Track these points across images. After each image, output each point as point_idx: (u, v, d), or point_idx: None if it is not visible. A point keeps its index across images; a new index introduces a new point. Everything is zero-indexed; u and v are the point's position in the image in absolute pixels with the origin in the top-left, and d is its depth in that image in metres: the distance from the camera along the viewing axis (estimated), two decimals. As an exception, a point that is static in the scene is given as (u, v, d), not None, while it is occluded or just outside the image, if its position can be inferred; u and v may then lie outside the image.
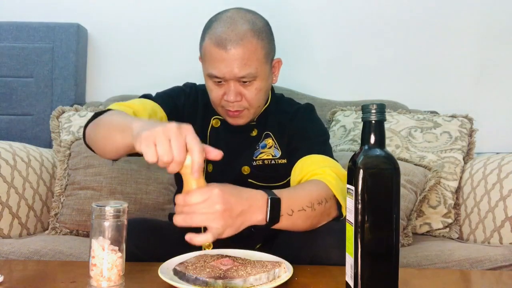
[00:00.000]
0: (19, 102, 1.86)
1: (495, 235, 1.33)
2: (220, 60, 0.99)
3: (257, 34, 1.01)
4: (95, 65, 2.03)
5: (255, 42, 1.00)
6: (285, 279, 0.72)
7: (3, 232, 1.34)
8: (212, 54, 1.00)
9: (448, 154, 1.60)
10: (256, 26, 1.02)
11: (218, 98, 1.05)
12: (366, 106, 0.66)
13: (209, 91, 1.07)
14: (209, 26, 1.03)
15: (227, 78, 1.01)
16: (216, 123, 1.14)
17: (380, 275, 0.65)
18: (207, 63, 1.02)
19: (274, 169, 1.10)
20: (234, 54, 0.98)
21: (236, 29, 0.99)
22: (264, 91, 1.06)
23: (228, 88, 1.02)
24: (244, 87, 1.03)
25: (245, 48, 0.98)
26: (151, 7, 2.02)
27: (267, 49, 1.03)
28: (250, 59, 0.99)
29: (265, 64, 1.04)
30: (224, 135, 1.13)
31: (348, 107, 1.78)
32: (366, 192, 0.64)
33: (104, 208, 0.65)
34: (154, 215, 1.47)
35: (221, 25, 1.00)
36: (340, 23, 2.00)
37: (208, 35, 1.02)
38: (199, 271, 0.72)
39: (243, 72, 0.99)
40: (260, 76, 1.03)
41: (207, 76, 1.04)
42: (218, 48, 0.98)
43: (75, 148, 1.56)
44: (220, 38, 0.98)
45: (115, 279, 0.66)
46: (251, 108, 1.06)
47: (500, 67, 1.96)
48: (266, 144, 1.12)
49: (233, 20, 1.00)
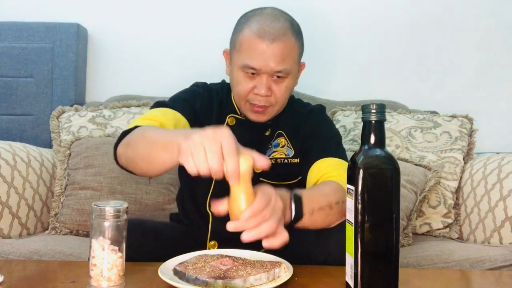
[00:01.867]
0: (19, 102, 1.86)
1: (495, 235, 1.33)
2: (260, 52, 1.00)
3: (295, 33, 1.04)
4: (95, 65, 2.03)
5: (294, 40, 1.03)
6: (285, 279, 0.72)
7: (3, 232, 1.34)
8: (251, 45, 1.01)
9: (448, 154, 1.60)
10: (295, 26, 1.05)
11: (247, 91, 1.05)
12: (366, 106, 0.66)
13: (237, 83, 1.06)
14: (249, 18, 1.05)
15: (262, 71, 1.02)
16: (231, 121, 1.14)
17: (380, 275, 0.65)
18: (244, 53, 1.02)
19: (287, 168, 1.11)
20: (275, 48, 1.00)
21: (279, 24, 1.01)
22: (290, 91, 1.09)
23: (260, 81, 1.03)
24: (275, 83, 1.04)
25: (285, 44, 1.01)
26: (151, 7, 2.02)
27: (301, 50, 1.08)
28: (288, 55, 1.02)
29: (297, 64, 1.08)
30: (239, 133, 1.11)
31: (348, 107, 1.78)
32: (366, 192, 0.64)
33: (104, 208, 0.65)
34: (154, 215, 1.47)
35: (264, 18, 1.02)
36: (339, 23, 2.00)
37: (248, 26, 1.03)
38: (199, 271, 0.72)
39: (280, 67, 1.01)
40: (292, 75, 1.06)
41: (241, 67, 1.04)
42: (260, 39, 1.00)
43: (75, 148, 1.56)
44: (263, 30, 1.00)
45: (115, 279, 0.66)
46: (277, 105, 1.07)
47: (500, 67, 1.96)
48: (279, 143, 1.13)
49: (275, 16, 1.03)
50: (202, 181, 1.09)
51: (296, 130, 1.14)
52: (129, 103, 1.75)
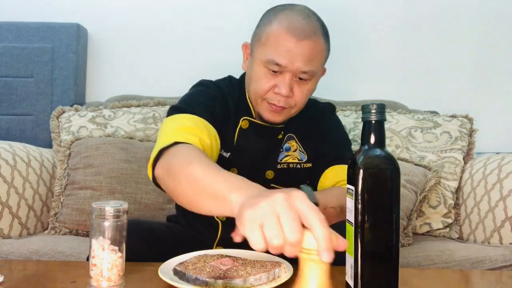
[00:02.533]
0: (19, 102, 1.86)
1: (495, 235, 1.33)
2: (289, 48, 0.93)
3: (325, 34, 0.99)
4: (95, 65, 2.03)
5: (323, 41, 0.98)
6: (285, 279, 0.72)
7: (3, 232, 1.34)
8: (280, 40, 0.94)
9: (448, 154, 1.60)
10: (325, 28, 1.00)
11: (266, 89, 0.98)
12: (366, 106, 0.66)
13: (257, 79, 0.99)
14: (279, 12, 0.98)
15: (287, 69, 0.95)
16: (245, 124, 1.06)
17: (380, 275, 0.65)
18: (271, 48, 0.95)
19: (299, 173, 1.08)
20: (304, 46, 0.94)
21: (310, 22, 0.96)
22: (310, 95, 1.03)
23: (282, 80, 0.96)
24: (297, 84, 0.98)
25: (315, 44, 0.95)
26: (151, 7, 2.02)
27: (327, 53, 1.02)
28: (316, 56, 0.96)
29: (322, 67, 1.02)
30: (253, 137, 1.06)
31: (348, 107, 1.78)
32: (366, 192, 0.64)
33: (104, 208, 0.65)
34: (154, 215, 1.47)
35: (296, 14, 0.96)
36: (340, 23, 2.00)
37: (277, 20, 0.96)
38: (199, 271, 0.71)
39: (307, 67, 0.95)
40: (316, 78, 1.00)
41: (264, 62, 0.96)
42: (290, 35, 0.93)
43: (75, 148, 1.56)
44: (295, 26, 0.94)
45: (115, 279, 0.66)
46: (295, 108, 1.02)
47: (499, 67, 1.96)
48: (290, 147, 1.08)
49: (307, 14, 0.97)
50: None
51: (308, 133, 1.09)
52: (129, 103, 1.75)
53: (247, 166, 1.05)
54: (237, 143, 1.06)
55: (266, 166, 1.07)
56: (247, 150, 1.06)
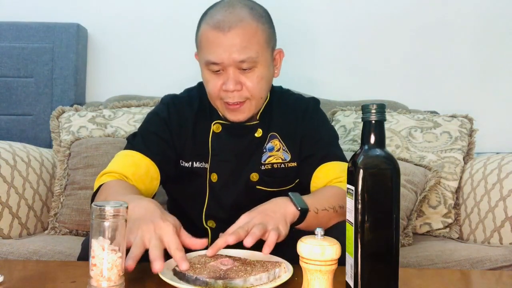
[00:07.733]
0: (19, 102, 1.86)
1: (495, 235, 1.33)
2: (218, 44, 0.92)
3: (256, 17, 0.96)
4: (95, 65, 2.03)
5: (255, 25, 0.94)
6: (285, 279, 0.72)
7: (3, 232, 1.34)
8: (209, 38, 0.94)
9: (448, 154, 1.59)
10: (255, 10, 0.97)
11: (216, 89, 0.97)
12: (366, 106, 0.66)
13: (206, 83, 0.99)
14: (205, 14, 0.99)
15: (226, 64, 0.94)
16: (217, 128, 1.06)
17: (380, 275, 0.65)
18: (204, 50, 0.96)
19: (284, 173, 1.06)
20: (233, 36, 0.92)
21: (234, 11, 0.94)
22: (266, 80, 0.99)
23: (226, 76, 0.95)
24: (244, 74, 0.96)
25: (244, 30, 0.93)
26: (151, 7, 2.02)
27: (268, 34, 0.98)
28: (250, 42, 0.93)
29: (266, 50, 0.98)
30: (228, 140, 1.05)
31: (348, 107, 1.78)
32: (366, 192, 0.64)
33: (104, 208, 0.65)
34: (154, 215, 1.47)
35: (218, 9, 0.95)
36: (341, 23, 2.00)
37: (204, 21, 0.96)
38: (199, 271, 0.71)
39: (243, 55, 0.93)
40: (261, 63, 0.96)
41: (204, 65, 0.97)
42: (216, 31, 0.93)
43: (75, 148, 1.56)
44: (218, 21, 0.93)
45: (115, 279, 0.66)
46: (253, 99, 0.98)
47: (500, 67, 1.96)
48: (274, 147, 1.06)
49: (231, 4, 0.95)
50: (194, 196, 1.07)
51: (291, 131, 1.07)
52: (129, 103, 1.75)
53: (227, 170, 1.05)
54: (212, 148, 1.05)
55: (249, 168, 1.05)
56: (224, 153, 1.05)
